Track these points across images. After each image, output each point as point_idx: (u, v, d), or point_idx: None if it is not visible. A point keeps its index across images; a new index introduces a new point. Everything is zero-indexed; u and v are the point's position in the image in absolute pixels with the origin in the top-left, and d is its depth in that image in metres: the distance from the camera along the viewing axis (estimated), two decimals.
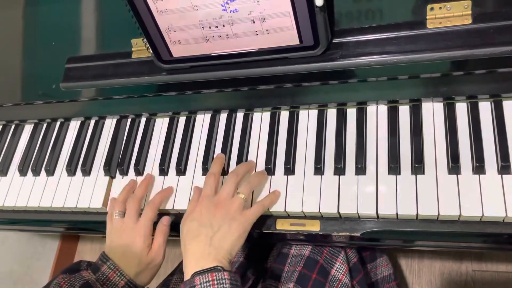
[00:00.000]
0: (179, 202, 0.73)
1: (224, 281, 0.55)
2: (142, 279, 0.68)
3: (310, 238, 0.68)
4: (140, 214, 0.70)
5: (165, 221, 0.71)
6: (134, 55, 0.75)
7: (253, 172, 0.71)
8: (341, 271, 0.72)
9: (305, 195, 0.67)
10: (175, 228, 0.70)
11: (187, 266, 0.59)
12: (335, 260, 0.73)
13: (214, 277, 0.55)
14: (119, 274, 0.66)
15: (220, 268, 0.57)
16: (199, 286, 0.55)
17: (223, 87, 0.73)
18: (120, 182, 0.78)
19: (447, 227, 0.61)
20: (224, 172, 0.73)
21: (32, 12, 0.87)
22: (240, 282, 0.57)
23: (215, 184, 0.66)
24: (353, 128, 0.69)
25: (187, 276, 0.58)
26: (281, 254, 0.74)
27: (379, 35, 0.62)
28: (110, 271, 0.66)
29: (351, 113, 0.71)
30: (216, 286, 0.55)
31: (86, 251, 1.58)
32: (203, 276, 0.56)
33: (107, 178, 0.79)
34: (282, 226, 0.68)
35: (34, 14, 0.87)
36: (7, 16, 0.89)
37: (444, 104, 0.67)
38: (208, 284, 0.55)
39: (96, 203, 0.78)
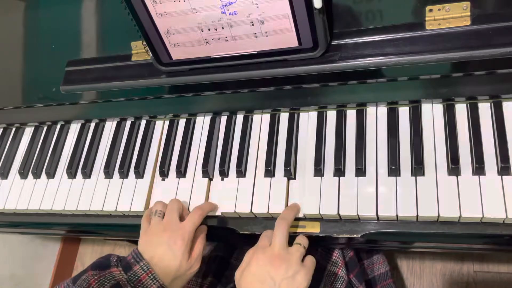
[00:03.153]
0: None
1: None
2: (176, 284, 0.65)
3: (310, 239, 0.68)
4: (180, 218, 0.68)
5: (204, 229, 0.69)
6: (133, 58, 0.75)
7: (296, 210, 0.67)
8: (337, 265, 0.71)
9: (305, 197, 0.67)
10: None
11: None
12: (331, 255, 0.72)
13: None
14: (151, 277, 0.62)
15: None
16: None
17: (223, 89, 0.73)
18: (120, 185, 0.78)
19: (448, 228, 0.61)
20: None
21: (32, 16, 0.87)
22: None
23: (271, 236, 0.62)
24: (352, 129, 0.69)
25: None
26: None
27: (378, 36, 0.62)
28: (143, 272, 0.62)
29: (351, 115, 0.71)
30: None
31: (87, 254, 1.58)
32: None
33: (107, 180, 0.80)
34: None
35: (34, 18, 0.87)
36: (8, 20, 0.89)
37: (443, 105, 0.67)
38: None
39: (96, 206, 0.78)
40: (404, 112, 0.68)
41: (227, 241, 0.82)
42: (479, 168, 0.60)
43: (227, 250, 0.83)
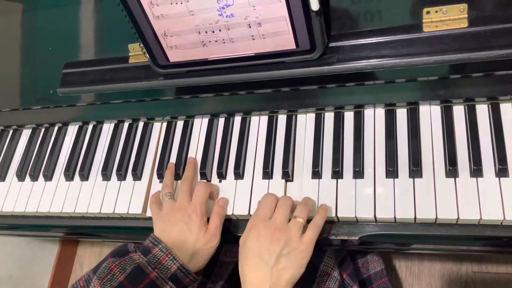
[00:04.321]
0: None
1: None
2: (196, 262, 0.65)
3: None
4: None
5: (222, 202, 0.69)
6: (131, 60, 0.75)
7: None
8: (329, 265, 0.71)
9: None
10: None
11: None
12: (323, 255, 0.72)
13: None
14: (171, 257, 0.62)
15: None
16: None
17: (221, 91, 0.73)
18: (118, 187, 0.78)
19: (445, 230, 0.61)
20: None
21: (29, 18, 0.87)
22: None
23: (273, 206, 0.62)
24: (350, 131, 0.69)
25: None
26: None
27: (376, 38, 0.62)
28: (162, 254, 0.62)
29: (349, 117, 0.71)
30: None
31: (86, 255, 1.58)
32: None
33: (105, 183, 0.79)
34: None
35: (32, 20, 0.87)
36: (5, 22, 0.89)
37: (441, 107, 0.67)
38: None
39: (94, 208, 0.77)
40: (402, 114, 0.68)
41: (225, 242, 0.82)
42: (476, 170, 0.60)
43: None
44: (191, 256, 0.64)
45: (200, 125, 0.79)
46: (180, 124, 0.80)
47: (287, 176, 0.69)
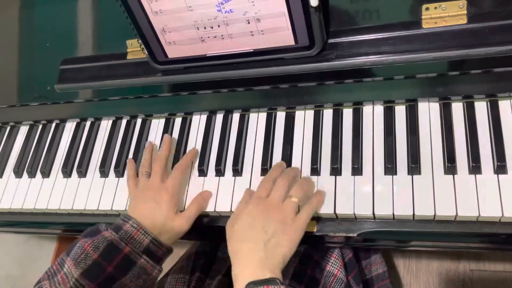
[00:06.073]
0: None
1: None
2: (164, 240, 0.66)
3: (307, 238, 0.68)
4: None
5: (206, 194, 0.70)
6: (129, 56, 0.75)
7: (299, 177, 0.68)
8: (336, 266, 0.71)
9: None
10: None
11: (238, 272, 0.55)
12: (330, 256, 0.72)
13: None
14: (143, 232, 0.63)
15: (277, 280, 0.52)
16: None
17: (219, 87, 0.73)
18: (116, 184, 0.78)
19: (444, 227, 0.61)
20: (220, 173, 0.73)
21: (27, 14, 0.87)
22: None
23: (271, 188, 0.62)
24: (349, 128, 0.69)
25: (238, 283, 0.54)
26: None
27: (375, 35, 0.62)
28: (134, 229, 0.63)
29: (347, 114, 0.71)
30: None
31: None
32: None
33: (103, 179, 0.79)
34: None
35: (29, 16, 0.87)
36: (2, 18, 0.88)
37: (440, 104, 0.67)
38: None
39: (92, 205, 0.77)
40: (400, 111, 0.68)
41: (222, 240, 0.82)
42: (475, 167, 0.60)
43: (213, 245, 0.83)
44: (160, 232, 0.65)
45: (198, 122, 0.79)
46: (178, 121, 0.80)
47: None
